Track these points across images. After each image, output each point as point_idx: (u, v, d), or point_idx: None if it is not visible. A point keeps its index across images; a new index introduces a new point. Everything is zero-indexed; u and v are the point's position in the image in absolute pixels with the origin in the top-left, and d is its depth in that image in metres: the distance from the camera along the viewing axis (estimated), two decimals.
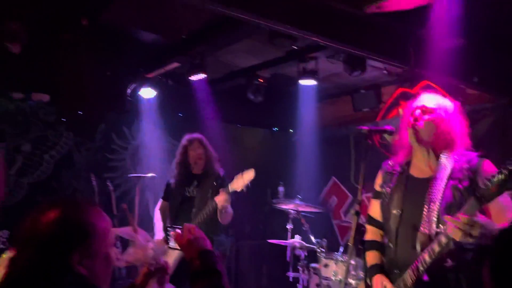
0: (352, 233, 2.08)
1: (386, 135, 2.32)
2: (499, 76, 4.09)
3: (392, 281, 2.16)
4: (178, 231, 1.65)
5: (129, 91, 4.88)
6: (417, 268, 2.01)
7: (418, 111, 2.20)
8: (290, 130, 6.57)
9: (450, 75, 4.10)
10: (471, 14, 3.31)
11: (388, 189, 2.28)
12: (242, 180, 3.39)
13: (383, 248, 2.30)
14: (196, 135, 3.87)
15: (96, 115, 5.05)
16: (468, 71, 3.95)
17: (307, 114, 5.80)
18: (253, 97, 5.12)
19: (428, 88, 5.19)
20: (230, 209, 3.55)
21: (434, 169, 2.17)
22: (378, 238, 2.34)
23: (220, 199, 3.41)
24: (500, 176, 1.71)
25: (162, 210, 4.03)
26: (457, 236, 1.81)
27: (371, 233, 2.37)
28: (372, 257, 2.28)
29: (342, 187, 6.05)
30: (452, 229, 1.82)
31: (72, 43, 3.92)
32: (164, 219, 3.96)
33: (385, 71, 5.01)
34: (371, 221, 2.38)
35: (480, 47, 3.88)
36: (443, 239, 1.91)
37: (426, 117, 2.18)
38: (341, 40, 3.31)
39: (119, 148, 5.58)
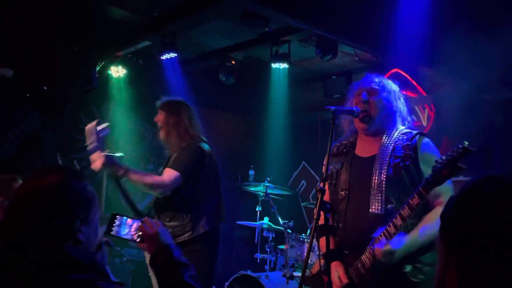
0: (315, 210, 2.10)
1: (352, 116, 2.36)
2: (463, 64, 4.19)
3: (342, 261, 2.19)
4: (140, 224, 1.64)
5: (97, 68, 4.76)
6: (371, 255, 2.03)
7: (364, 93, 2.24)
8: (262, 114, 6.58)
9: (419, 62, 4.19)
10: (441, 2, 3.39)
11: (335, 171, 2.29)
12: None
13: (334, 231, 2.30)
14: (164, 99, 3.22)
15: (63, 92, 4.90)
16: (437, 59, 4.04)
17: (279, 99, 5.82)
18: (224, 78, 5.08)
19: (396, 76, 5.29)
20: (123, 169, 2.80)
21: (377, 148, 2.21)
22: (326, 221, 2.30)
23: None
24: (452, 154, 1.77)
25: None
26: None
27: (322, 218, 2.32)
28: (323, 242, 2.24)
29: (312, 172, 6.13)
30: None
31: (39, 15, 3.78)
32: None
33: (356, 58, 5.06)
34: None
35: (447, 34, 3.96)
36: (399, 222, 1.94)
37: (372, 98, 2.22)
38: (313, 22, 3.32)
39: None
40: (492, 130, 4.33)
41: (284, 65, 4.82)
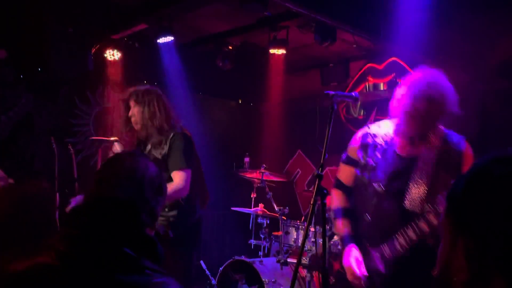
0: (313, 195, 2.09)
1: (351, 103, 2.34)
2: (460, 53, 4.19)
3: (361, 251, 2.16)
4: None
5: (93, 51, 4.69)
6: (400, 244, 2.03)
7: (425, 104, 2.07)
8: (258, 101, 6.56)
9: (417, 51, 4.17)
10: None
11: (371, 161, 2.22)
12: None
13: (352, 216, 2.27)
14: (135, 88, 2.91)
15: (58, 75, 4.84)
16: (434, 48, 4.02)
17: (275, 85, 5.80)
18: (221, 63, 5.04)
19: (394, 65, 5.28)
20: None
21: (420, 148, 2.15)
22: (347, 205, 2.30)
23: None
24: None
25: None
26: None
27: (340, 200, 2.33)
28: (343, 225, 2.25)
29: (307, 159, 6.13)
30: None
31: None
32: None
33: (354, 45, 5.03)
34: (340, 186, 2.34)
35: (446, 24, 3.95)
36: (434, 220, 1.94)
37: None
38: (312, 7, 3.28)
39: (82, 113, 5.41)
40: (487, 119, 4.34)
41: (281, 51, 4.78)
